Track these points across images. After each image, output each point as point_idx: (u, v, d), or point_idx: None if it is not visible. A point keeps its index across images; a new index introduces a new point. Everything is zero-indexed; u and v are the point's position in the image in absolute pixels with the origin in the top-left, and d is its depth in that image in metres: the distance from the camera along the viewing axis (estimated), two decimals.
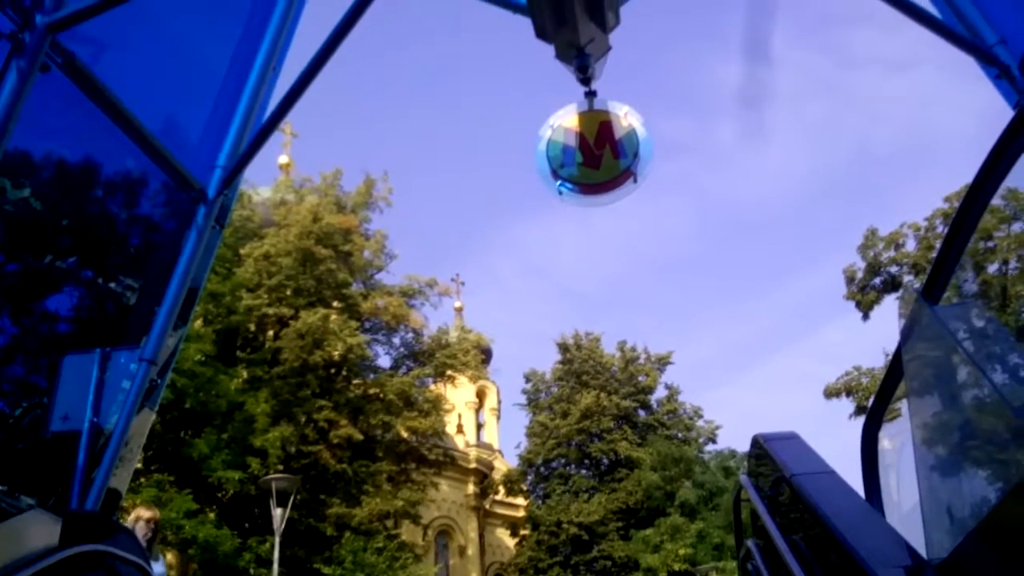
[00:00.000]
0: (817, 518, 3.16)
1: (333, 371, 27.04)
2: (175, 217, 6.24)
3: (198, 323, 22.23)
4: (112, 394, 5.45)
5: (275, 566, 16.49)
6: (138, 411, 5.45)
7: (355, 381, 28.16)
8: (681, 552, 28.62)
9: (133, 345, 5.74)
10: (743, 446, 31.46)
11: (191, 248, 5.87)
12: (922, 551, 2.73)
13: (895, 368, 3.46)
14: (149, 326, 5.79)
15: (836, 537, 2.83)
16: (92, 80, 4.64)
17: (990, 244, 19.82)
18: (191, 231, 5.91)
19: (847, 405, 23.72)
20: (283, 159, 38.64)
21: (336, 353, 25.75)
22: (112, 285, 6.73)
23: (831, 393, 24.00)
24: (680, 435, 36.71)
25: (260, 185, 29.77)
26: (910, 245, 22.86)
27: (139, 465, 20.16)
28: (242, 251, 25.28)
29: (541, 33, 5.48)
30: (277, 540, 16.40)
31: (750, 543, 4.82)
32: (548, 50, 5.73)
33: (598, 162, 6.02)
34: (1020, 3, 5.13)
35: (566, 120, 6.05)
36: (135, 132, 5.12)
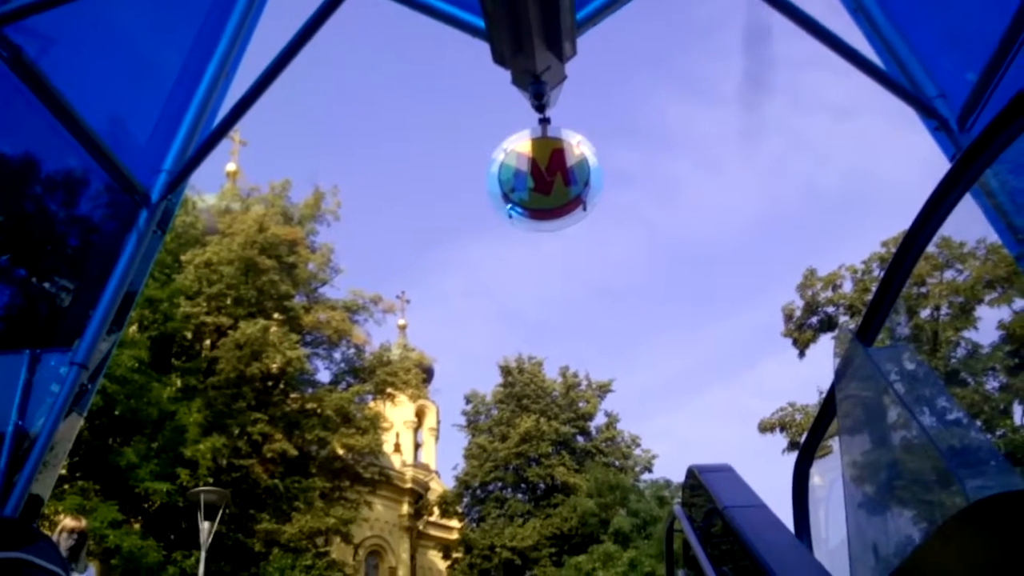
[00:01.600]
0: (747, 551, 3.20)
1: (270, 384, 26.60)
2: (116, 220, 6.10)
3: (133, 329, 21.71)
4: (40, 397, 5.28)
5: None
6: (66, 416, 5.30)
7: (292, 395, 27.75)
8: None
9: (65, 348, 5.59)
10: (678, 476, 31.79)
11: (130, 252, 5.75)
12: None
13: (828, 406, 3.54)
14: (82, 329, 5.64)
15: (764, 570, 2.87)
16: (38, 75, 4.54)
17: (923, 290, 20.45)
18: (131, 235, 5.79)
19: (781, 440, 24.15)
20: (230, 167, 38.11)
21: (274, 366, 25.36)
22: (46, 285, 6.55)
23: (765, 428, 24.39)
24: (617, 463, 36.90)
25: (206, 192, 29.29)
26: (847, 286, 23.46)
27: (63, 471, 19.53)
28: (183, 258, 24.80)
29: (499, 59, 5.52)
30: (203, 555, 16.03)
31: (681, 573, 4.86)
32: (505, 75, 5.79)
33: (549, 188, 6.07)
34: (960, 60, 5.34)
35: (519, 145, 6.10)
36: (79, 130, 5.02)
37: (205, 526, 15.84)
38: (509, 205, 6.03)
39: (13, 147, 5.68)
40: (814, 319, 24.04)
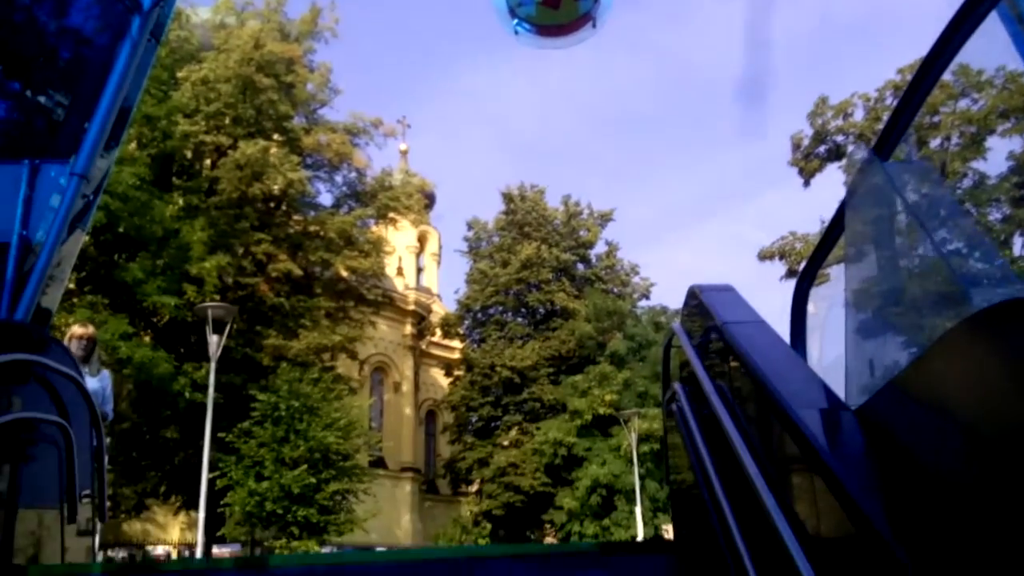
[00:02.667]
0: (743, 362, 3.26)
1: (272, 205, 26.61)
2: (108, 30, 5.88)
3: (132, 146, 21.46)
4: (41, 209, 5.27)
5: (211, 390, 16.73)
6: (69, 230, 5.31)
7: (295, 217, 27.82)
8: (607, 398, 29.84)
9: (64, 160, 5.52)
10: (675, 303, 32.43)
11: (124, 63, 5.56)
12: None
13: (836, 223, 3.51)
14: (80, 143, 5.56)
15: (759, 378, 2.93)
16: None
17: (935, 119, 20.02)
18: (124, 44, 5.58)
19: (779, 268, 24.39)
20: None
21: (276, 187, 25.26)
22: (41, 99, 6.39)
23: (765, 256, 24.57)
24: (616, 290, 37.54)
25: (199, 4, 28.08)
26: (858, 115, 22.94)
27: (71, 286, 19.88)
28: (179, 74, 24.11)
29: None
30: (213, 366, 16.57)
31: (676, 386, 5.00)
32: None
33: (558, 2, 5.79)
34: None
35: None
36: None
37: (214, 339, 16.28)
38: (515, 20, 5.77)
39: None
40: (822, 148, 23.68)
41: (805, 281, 4.16)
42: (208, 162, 25.97)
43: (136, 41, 5.55)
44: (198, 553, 17.34)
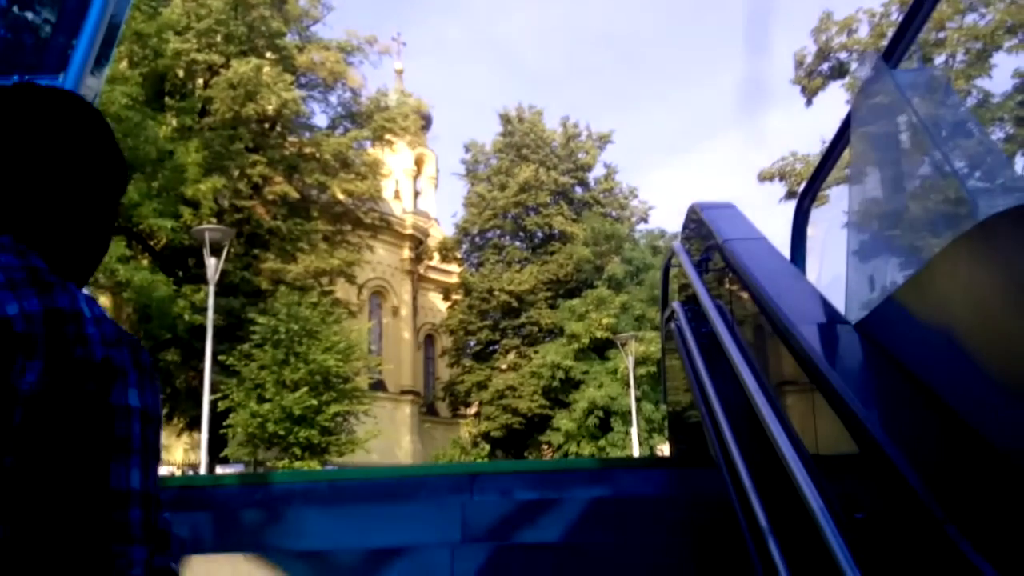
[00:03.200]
0: (743, 277, 3.25)
1: (267, 126, 26.26)
2: None
3: (123, 65, 21.02)
4: None
5: (210, 312, 16.79)
6: None
7: (290, 138, 27.48)
8: (604, 321, 30.00)
9: (53, 75, 5.40)
10: (673, 227, 32.34)
11: None
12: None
13: (839, 140, 3.44)
14: (68, 61, 5.42)
15: (759, 295, 2.92)
16: None
17: (941, 35, 19.58)
18: None
19: (779, 189, 24.19)
20: None
21: (270, 107, 24.86)
22: (28, 15, 6.22)
23: (765, 177, 24.32)
24: (614, 213, 37.37)
25: None
26: (862, 31, 22.43)
27: None
28: None
29: None
30: (211, 289, 16.59)
31: (676, 304, 5.01)
32: None
33: None
34: None
35: None
36: None
37: (211, 262, 16.26)
38: None
39: None
40: (825, 65, 23.21)
41: (806, 199, 4.12)
42: (200, 81, 25.50)
43: None
44: (202, 472, 17.65)
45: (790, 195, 22.81)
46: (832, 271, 3.64)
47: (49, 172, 1.14)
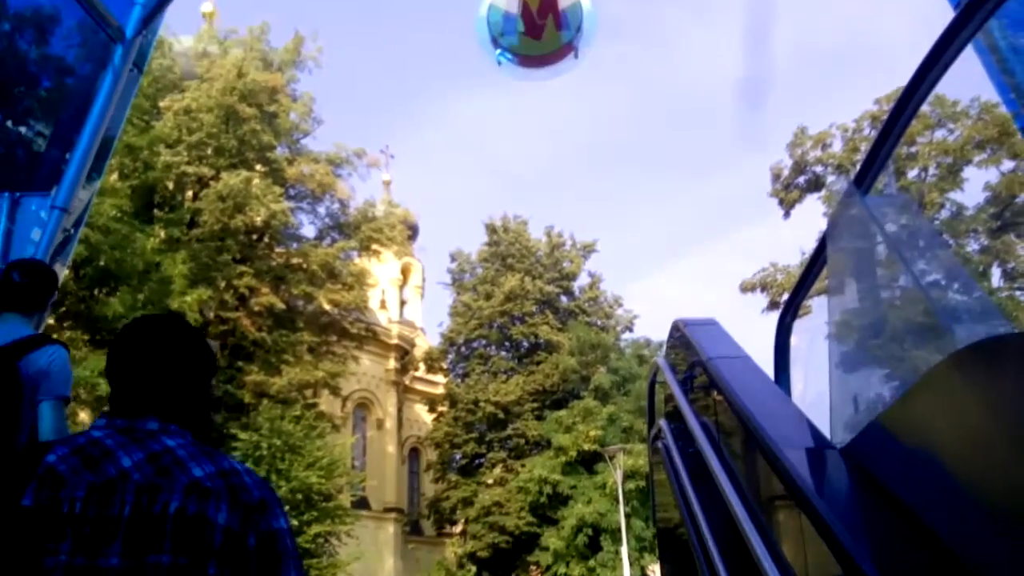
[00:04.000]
0: (728, 398, 3.24)
1: (255, 237, 26.52)
2: (90, 58, 5.87)
3: (113, 177, 21.34)
4: (22, 244, 5.22)
5: None
6: (50, 262, 5.25)
7: (277, 249, 27.73)
8: (592, 433, 29.67)
9: (45, 192, 5.47)
10: (659, 335, 32.45)
11: (107, 92, 5.55)
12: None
13: (817, 256, 3.51)
14: (61, 175, 5.51)
15: (744, 416, 2.91)
16: None
17: (912, 149, 20.28)
18: (107, 73, 5.57)
19: (761, 300, 24.48)
20: (207, 7, 36.41)
21: (258, 219, 25.18)
22: (22, 130, 6.34)
23: (747, 288, 24.67)
24: (599, 322, 37.52)
25: (181, 33, 28.16)
26: (837, 146, 23.21)
27: (51, 321, 19.64)
28: (161, 104, 24.10)
29: None
30: None
31: (662, 422, 4.98)
32: None
33: (540, 33, 5.83)
34: None
35: None
36: None
37: None
38: (498, 50, 5.81)
39: None
40: (802, 179, 23.90)
41: (788, 315, 4.16)
42: (190, 193, 25.87)
43: (119, 71, 5.54)
44: None
45: (772, 305, 23.07)
46: (817, 386, 3.64)
47: (191, 377, 1.80)
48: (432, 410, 40.14)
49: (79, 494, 1.55)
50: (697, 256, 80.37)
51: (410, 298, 49.35)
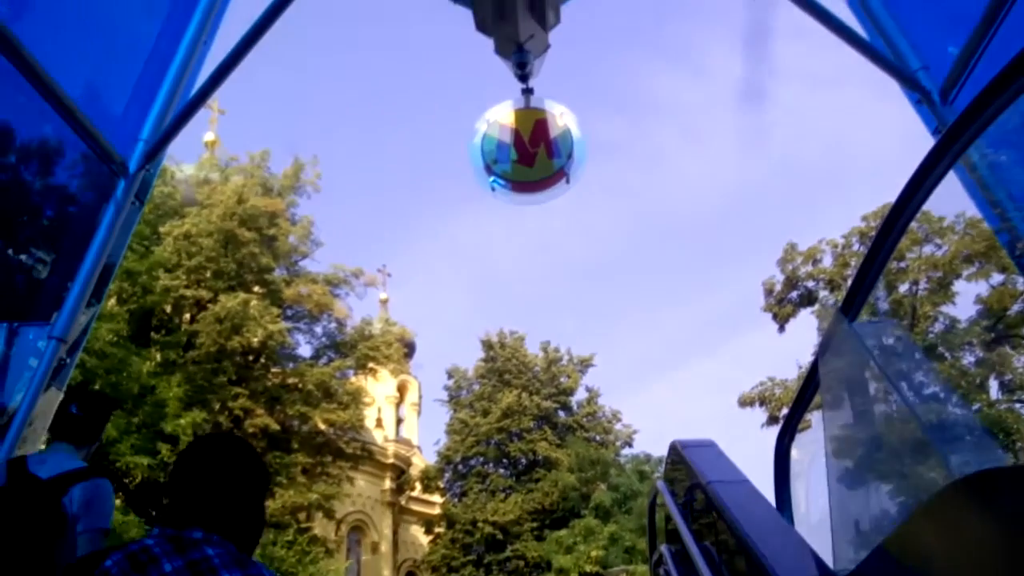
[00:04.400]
0: (729, 525, 3.20)
1: (251, 358, 26.48)
2: (93, 190, 6.01)
3: (111, 302, 21.50)
4: (18, 371, 5.23)
5: None
6: (45, 390, 5.25)
7: (274, 369, 27.63)
8: (593, 554, 28.90)
9: (43, 321, 5.51)
10: (659, 451, 32.02)
11: (108, 223, 5.67)
12: (829, 562, 2.79)
13: (809, 380, 3.54)
14: (60, 302, 5.57)
15: (746, 545, 2.87)
16: (11, 41, 4.43)
17: (902, 264, 20.61)
18: (109, 205, 5.71)
19: (760, 414, 24.33)
20: (209, 136, 37.60)
21: (255, 339, 25.21)
22: (23, 257, 6.44)
23: (745, 402, 24.55)
24: (599, 438, 37.09)
25: (184, 162, 28.92)
26: (827, 261, 23.58)
27: (43, 446, 19.37)
28: (162, 229, 24.52)
29: (481, 26, 5.45)
30: None
31: (663, 548, 4.87)
32: (488, 43, 5.72)
33: (532, 160, 6.02)
34: (944, 32, 5.31)
35: (502, 116, 6.04)
36: (54, 98, 4.91)
37: None
38: (492, 177, 5.99)
39: None
40: (794, 294, 24.16)
41: (785, 437, 4.15)
42: (187, 316, 25.99)
43: (121, 203, 5.68)
44: None
45: (771, 420, 22.90)
46: (819, 505, 3.60)
47: (239, 494, 2.07)
48: (429, 532, 39.14)
49: None
50: (695, 367, 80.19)
51: (407, 416, 48.86)
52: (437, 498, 40.18)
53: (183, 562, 1.92)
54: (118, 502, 21.74)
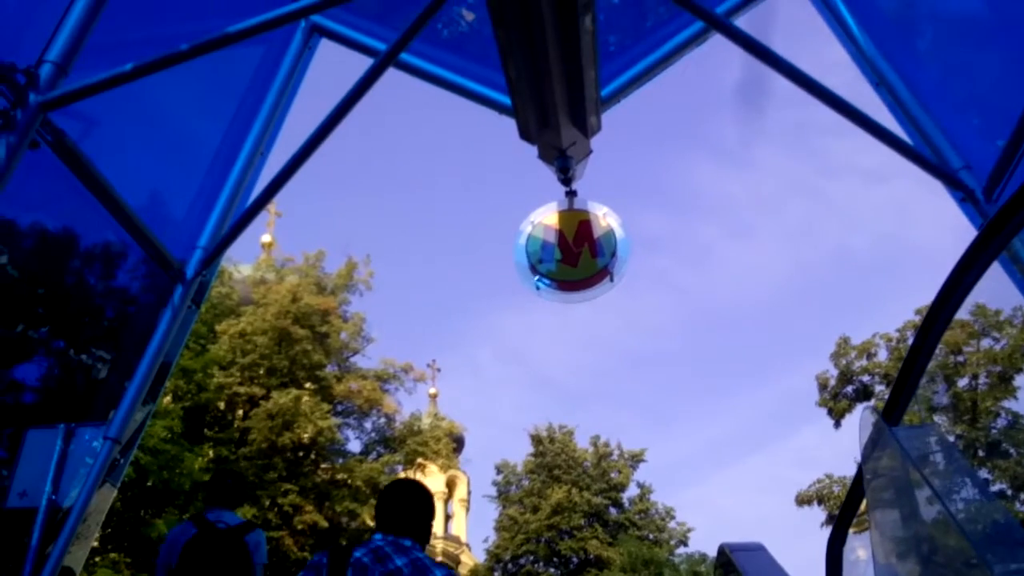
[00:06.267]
0: None
1: (301, 454, 26.54)
2: (152, 293, 6.24)
3: (167, 399, 21.87)
4: (74, 470, 5.35)
5: None
6: (99, 488, 5.35)
7: (323, 465, 27.61)
8: None
9: (99, 421, 5.67)
10: (714, 550, 30.95)
11: (166, 326, 5.86)
12: None
13: (856, 487, 3.47)
14: (117, 401, 5.72)
15: None
16: (79, 158, 4.71)
17: (960, 358, 20.09)
18: (167, 309, 5.90)
19: (819, 513, 23.54)
20: (266, 238, 38.82)
21: (306, 436, 25.32)
22: (83, 357, 6.66)
23: (803, 501, 23.80)
24: (652, 536, 36.04)
25: (241, 262, 29.79)
26: (882, 355, 23.10)
27: (95, 544, 19.50)
28: (218, 328, 25.07)
29: (525, 135, 5.65)
30: None
31: None
32: (531, 149, 5.91)
33: (576, 260, 6.13)
34: (984, 131, 5.35)
35: (546, 217, 6.18)
36: (117, 208, 5.18)
37: None
38: (537, 277, 6.10)
39: (54, 221, 5.86)
40: (849, 388, 23.62)
41: (837, 542, 4.04)
42: (240, 412, 26.28)
43: (178, 307, 5.88)
44: None
45: (830, 519, 22.09)
46: None
47: (426, 515, 3.13)
48: None
49: None
50: (750, 463, 78.06)
51: (455, 512, 48.18)
52: None
53: (407, 559, 2.84)
54: None
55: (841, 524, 3.99)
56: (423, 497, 3.22)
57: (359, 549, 2.87)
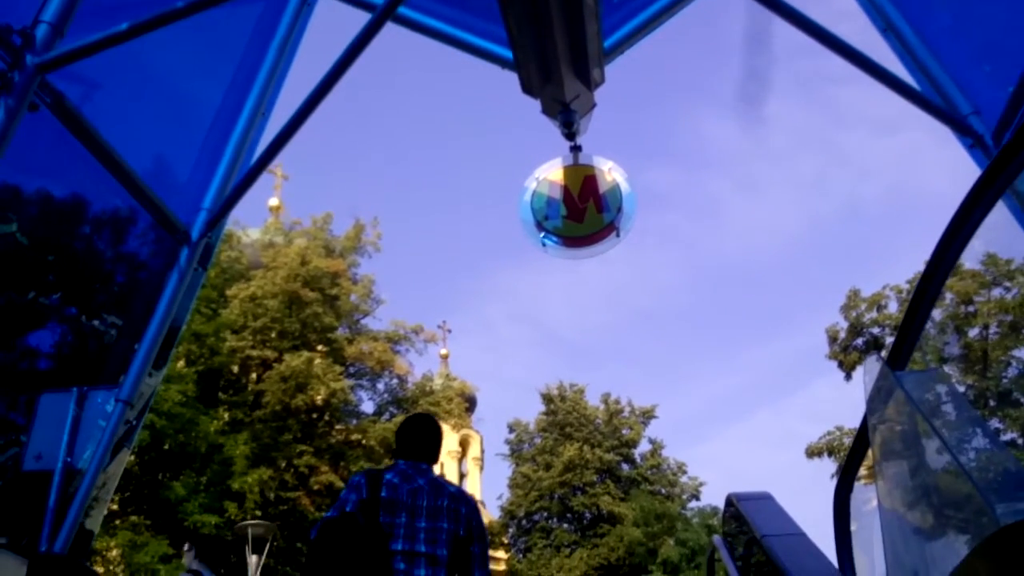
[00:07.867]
0: None
1: (315, 416, 26.77)
2: (159, 257, 6.25)
3: (180, 363, 22.04)
4: (88, 433, 5.40)
5: None
6: (114, 452, 5.41)
7: (337, 427, 27.87)
8: None
9: (111, 385, 5.71)
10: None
11: (173, 288, 5.87)
12: None
13: (862, 434, 3.48)
14: (127, 366, 5.77)
15: None
16: (80, 120, 4.69)
17: (971, 308, 19.99)
18: (174, 272, 5.92)
19: (829, 464, 23.66)
20: (273, 201, 38.72)
21: (319, 397, 25.53)
22: (95, 323, 6.70)
23: (813, 453, 23.92)
24: (663, 491, 36.40)
25: (250, 226, 29.78)
26: (892, 307, 22.99)
27: (114, 507, 19.81)
28: (228, 292, 25.17)
29: (528, 88, 5.59)
30: None
31: None
32: (535, 104, 5.84)
33: (582, 216, 6.09)
34: (993, 76, 5.26)
35: (551, 173, 6.13)
36: (121, 173, 5.16)
37: (253, 560, 15.94)
38: (543, 233, 6.06)
39: (61, 189, 5.85)
40: (859, 340, 23.57)
41: (843, 490, 4.06)
42: (254, 376, 26.47)
43: (184, 270, 5.89)
44: None
45: (840, 471, 22.22)
46: (879, 559, 3.50)
47: (438, 443, 3.90)
48: None
49: (403, 493, 3.46)
50: (761, 417, 78.38)
51: (469, 470, 48.65)
52: (502, 554, 39.74)
53: (425, 480, 3.56)
54: (185, 561, 21.99)
55: (847, 472, 4.01)
56: (434, 428, 3.90)
57: (388, 472, 3.55)
